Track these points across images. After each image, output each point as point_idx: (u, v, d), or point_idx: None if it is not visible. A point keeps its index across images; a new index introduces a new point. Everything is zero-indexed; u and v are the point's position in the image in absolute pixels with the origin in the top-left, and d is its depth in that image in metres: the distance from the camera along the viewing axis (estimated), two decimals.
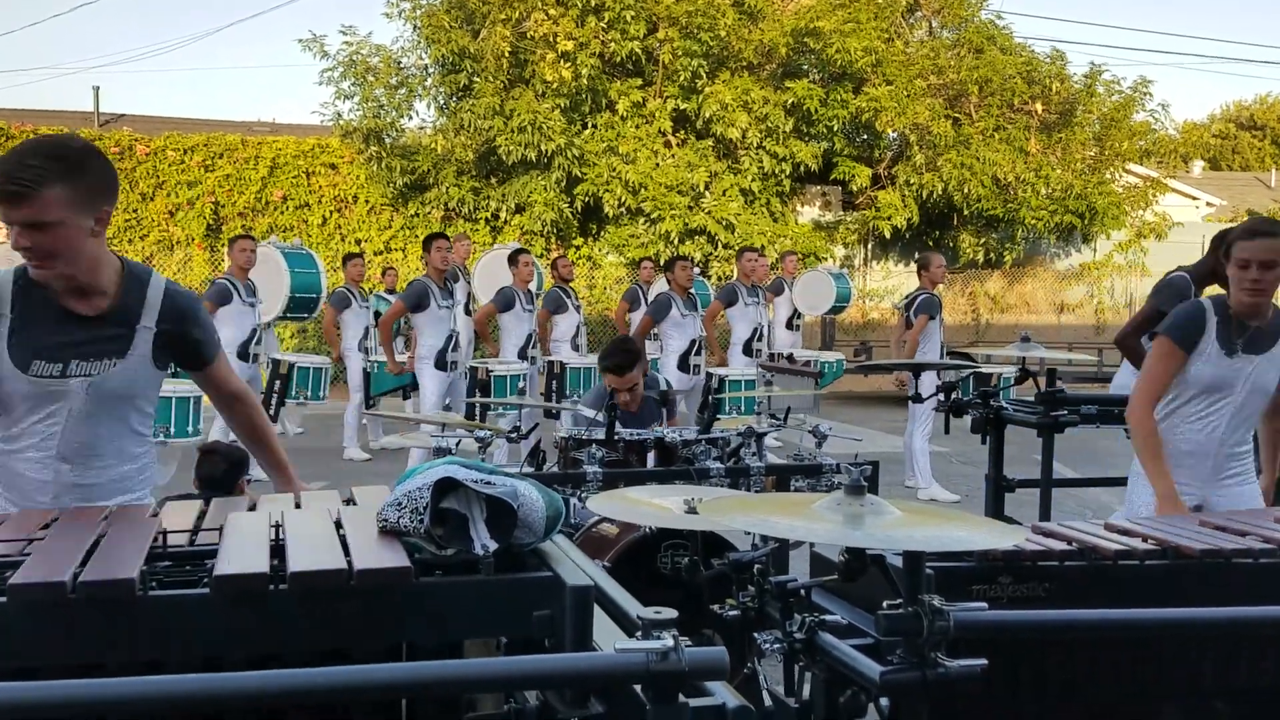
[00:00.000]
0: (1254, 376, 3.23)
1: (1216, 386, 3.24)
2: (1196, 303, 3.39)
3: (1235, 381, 3.23)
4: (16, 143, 12.50)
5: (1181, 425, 3.31)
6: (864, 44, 14.90)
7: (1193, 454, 3.28)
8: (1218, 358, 3.22)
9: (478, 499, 1.61)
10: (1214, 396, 3.25)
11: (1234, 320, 3.23)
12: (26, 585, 1.41)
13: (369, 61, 14.47)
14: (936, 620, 1.65)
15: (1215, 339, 3.23)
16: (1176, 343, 3.27)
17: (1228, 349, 3.22)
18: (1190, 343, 3.25)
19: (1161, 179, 18.15)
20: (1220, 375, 3.22)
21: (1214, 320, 3.24)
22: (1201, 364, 3.24)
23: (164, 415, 6.47)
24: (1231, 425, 3.27)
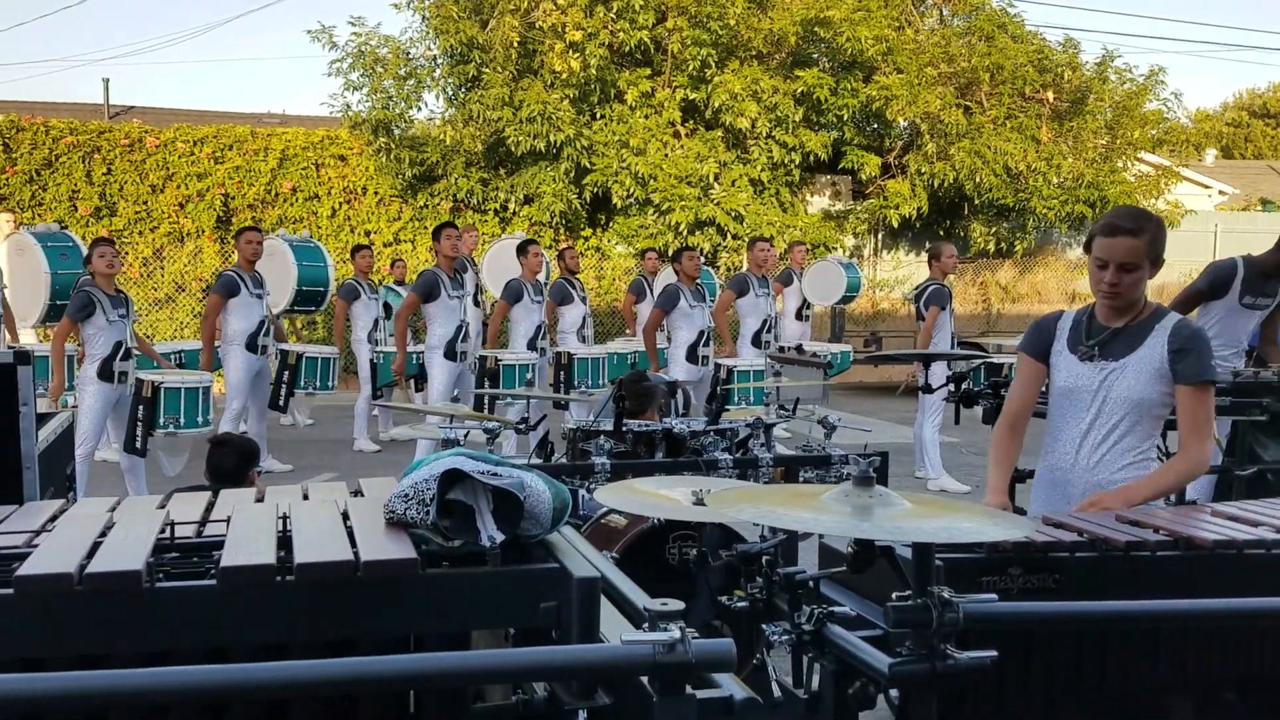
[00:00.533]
0: (1114, 382, 2.82)
1: (1067, 395, 2.90)
2: (1055, 313, 3.06)
3: (1089, 388, 2.86)
4: (28, 135, 12.52)
5: (1050, 442, 2.99)
6: (874, 32, 14.81)
7: (1055, 480, 2.95)
8: (1068, 361, 2.90)
9: (484, 490, 1.61)
10: (1068, 408, 2.91)
11: (1089, 322, 2.91)
12: (33, 577, 1.41)
13: (378, 52, 14.45)
14: (946, 612, 1.64)
15: (1067, 342, 2.92)
16: (1025, 351, 3.01)
17: (1080, 353, 2.88)
18: (1039, 350, 2.97)
19: (1174, 167, 18.03)
20: (1068, 382, 2.90)
21: (1069, 321, 2.96)
22: (1055, 370, 2.94)
23: (173, 406, 6.49)
24: (1091, 444, 2.86)
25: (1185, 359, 2.78)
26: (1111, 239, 2.77)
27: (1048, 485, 2.99)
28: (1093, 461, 2.87)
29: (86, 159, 14.34)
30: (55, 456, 3.66)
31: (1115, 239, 2.77)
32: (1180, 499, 4.70)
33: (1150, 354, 2.81)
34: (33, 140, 14.14)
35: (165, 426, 6.49)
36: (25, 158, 14.10)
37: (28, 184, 14.13)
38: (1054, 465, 2.96)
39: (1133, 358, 2.82)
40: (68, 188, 14.23)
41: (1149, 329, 2.84)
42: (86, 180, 14.31)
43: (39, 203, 13.96)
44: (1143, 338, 2.83)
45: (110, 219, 14.32)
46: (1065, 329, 2.95)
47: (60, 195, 14.10)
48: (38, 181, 14.19)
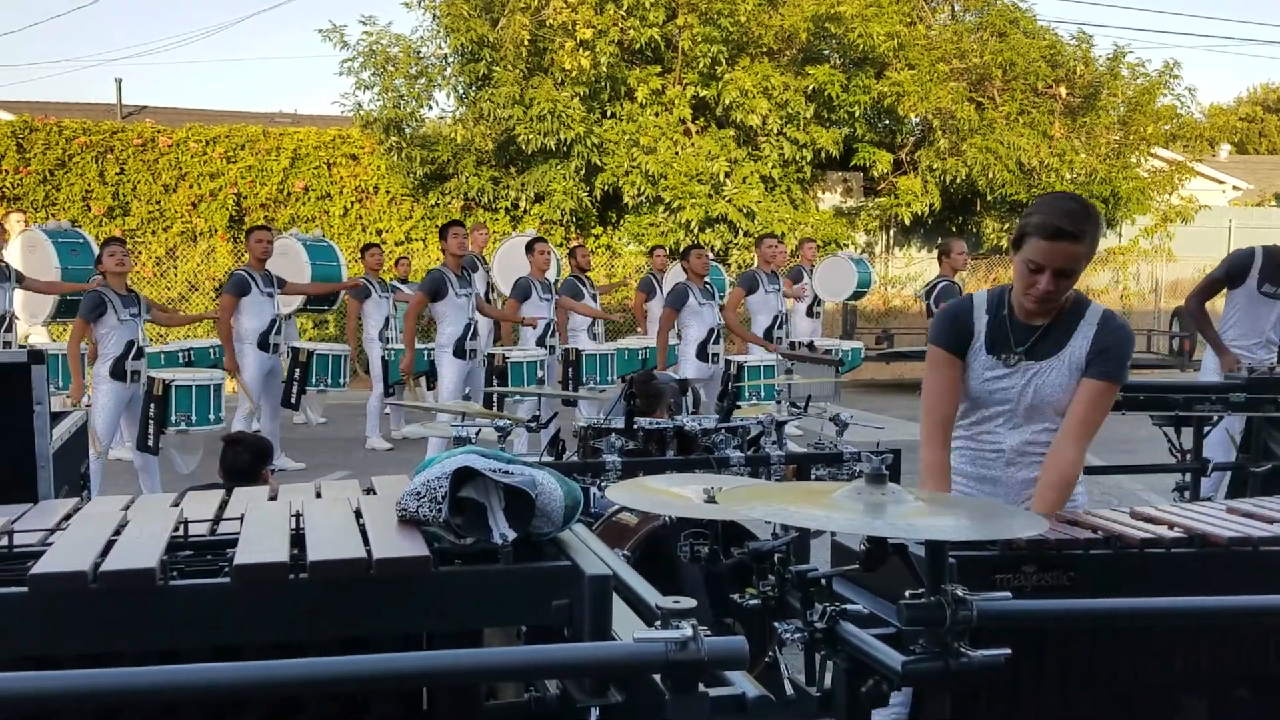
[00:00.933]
0: (1035, 385, 2.61)
1: (986, 399, 2.66)
2: (966, 298, 2.76)
3: (1011, 392, 2.63)
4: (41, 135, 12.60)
5: (969, 443, 2.75)
6: (886, 28, 14.77)
7: (984, 479, 2.74)
8: (988, 363, 2.64)
9: (496, 488, 1.61)
10: (990, 411, 2.68)
11: (1009, 319, 2.64)
12: (48, 575, 1.41)
13: (389, 51, 14.48)
14: (959, 610, 1.63)
15: (984, 343, 2.65)
16: (940, 347, 2.69)
17: (999, 354, 2.63)
18: (958, 345, 2.67)
19: (1187, 163, 17.93)
20: (988, 385, 2.65)
21: (984, 318, 2.66)
22: (971, 371, 2.66)
23: (184, 403, 6.52)
24: (1016, 449, 2.67)
25: (1103, 357, 2.58)
26: (1051, 243, 2.47)
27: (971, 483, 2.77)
28: (1019, 467, 2.69)
29: (100, 159, 14.41)
30: (69, 455, 3.68)
31: (1055, 244, 2.47)
32: (1195, 496, 4.68)
33: (1074, 353, 2.61)
34: (46, 140, 14.21)
35: (177, 424, 6.52)
36: (39, 158, 14.18)
37: (41, 184, 14.21)
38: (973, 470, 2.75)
39: (1056, 359, 2.61)
40: (81, 188, 14.31)
41: (1074, 324, 2.62)
42: (100, 180, 14.38)
43: (52, 202, 14.04)
44: (1067, 334, 2.61)
45: (124, 219, 14.39)
46: (982, 328, 2.66)
47: (74, 195, 14.17)
48: (51, 181, 14.27)
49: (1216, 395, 4.60)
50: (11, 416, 2.89)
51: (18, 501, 1.95)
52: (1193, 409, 4.58)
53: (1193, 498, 4.70)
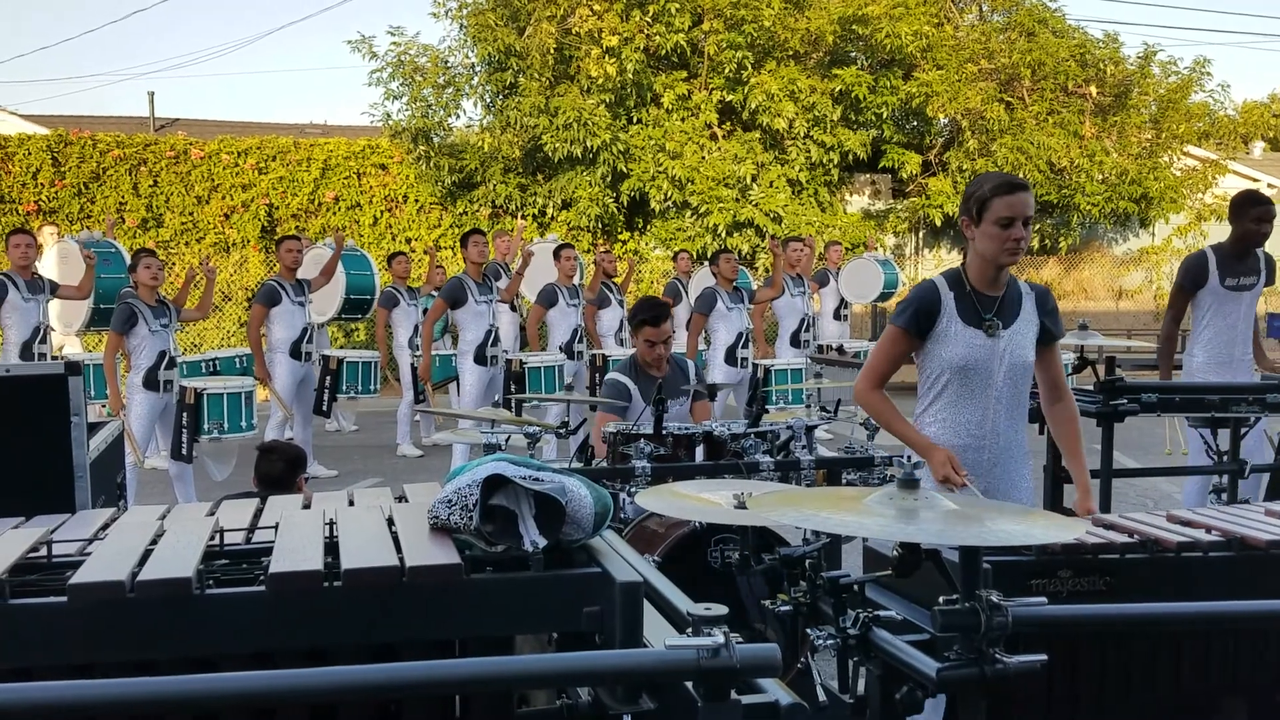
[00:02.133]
0: (1010, 350, 2.97)
1: (971, 367, 2.98)
2: (927, 282, 3.09)
3: (991, 358, 2.97)
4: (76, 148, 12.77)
5: (948, 413, 3.05)
6: (913, 29, 14.70)
7: (965, 446, 3.02)
8: (967, 336, 2.97)
9: (526, 495, 1.61)
10: (971, 378, 2.99)
11: (974, 293, 2.99)
12: (86, 585, 1.43)
13: (417, 61, 14.58)
14: (994, 616, 1.62)
15: (958, 318, 2.97)
16: (905, 330, 3.04)
17: (979, 324, 2.97)
18: (921, 327, 3.01)
19: (1221, 161, 17.70)
20: (971, 354, 2.97)
21: (949, 296, 2.99)
22: (947, 347, 2.99)
23: (216, 412, 6.59)
24: (1000, 408, 3.01)
25: (1054, 319, 3.06)
26: (1014, 195, 2.87)
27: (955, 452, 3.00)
28: (1005, 424, 3.03)
29: (133, 171, 14.61)
30: (106, 465, 3.73)
31: (1017, 195, 2.88)
32: (1233, 498, 4.61)
33: (1029, 317, 3.02)
34: (80, 154, 14.43)
35: (209, 432, 6.59)
36: (74, 171, 14.39)
37: (76, 196, 14.42)
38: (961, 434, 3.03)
39: (1019, 323, 3.00)
40: (115, 200, 14.50)
41: (1019, 293, 3.04)
42: (133, 192, 14.58)
43: (87, 215, 14.24)
44: (1019, 302, 3.02)
45: (157, 230, 14.57)
46: (948, 305, 2.99)
47: (108, 207, 14.37)
48: (86, 194, 14.48)
49: (1254, 396, 4.53)
50: (49, 427, 2.93)
51: (56, 512, 1.98)
52: (1229, 410, 4.51)
53: (1230, 500, 4.63)
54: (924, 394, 3.13)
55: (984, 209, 2.91)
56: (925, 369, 3.09)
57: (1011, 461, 3.08)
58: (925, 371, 3.10)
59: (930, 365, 3.06)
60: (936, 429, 3.08)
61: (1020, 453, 3.12)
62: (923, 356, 3.08)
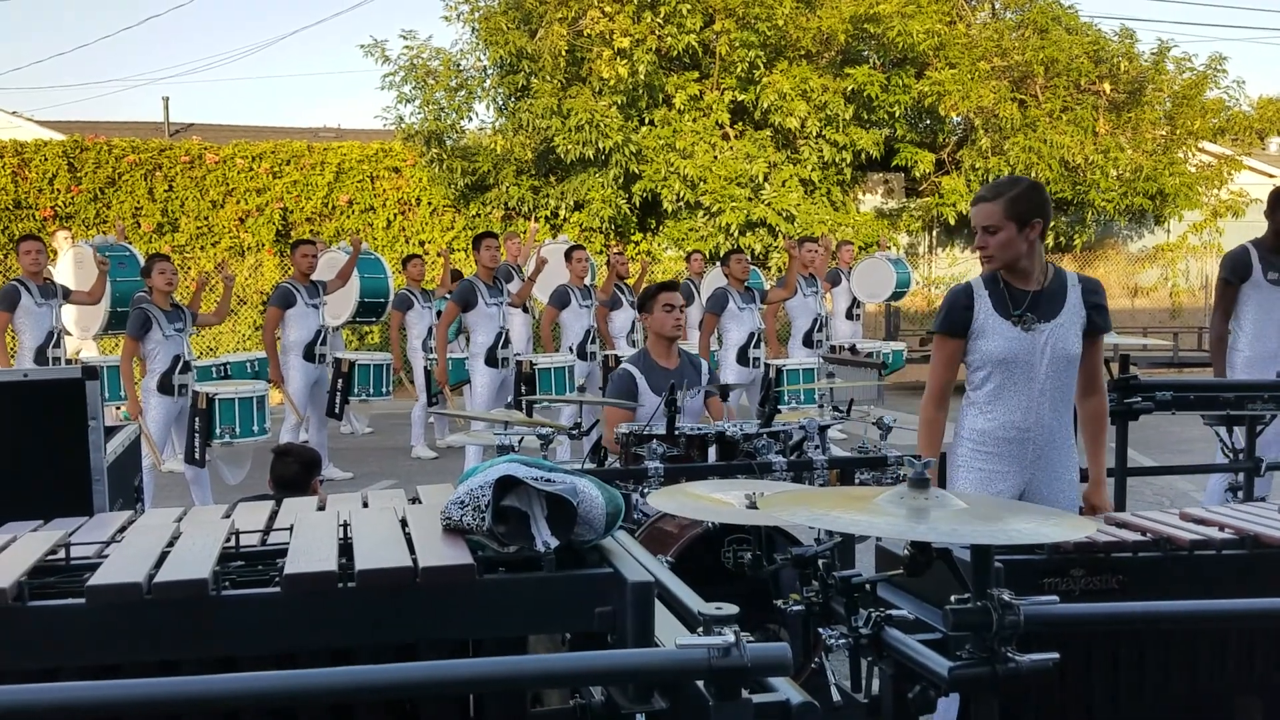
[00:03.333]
0: (1051, 344, 3.04)
1: (1012, 359, 3.05)
2: (963, 283, 3.21)
3: (1032, 352, 3.04)
4: (91, 154, 12.78)
5: (991, 406, 3.11)
6: (925, 27, 14.66)
7: (1009, 439, 3.09)
8: (1004, 329, 3.05)
9: (538, 496, 1.63)
10: (1014, 371, 3.06)
11: (1008, 289, 3.08)
12: (104, 587, 1.45)
13: (429, 65, 14.62)
14: (1006, 615, 1.62)
15: (993, 312, 3.07)
16: (944, 333, 3.15)
17: (1015, 319, 3.05)
18: (958, 327, 3.11)
19: (1236, 156, 17.58)
20: (1010, 347, 3.04)
21: (984, 294, 3.09)
22: (986, 340, 3.07)
23: (228, 416, 6.62)
24: (1044, 401, 3.06)
25: (1100, 313, 3.13)
26: (975, 207, 3.09)
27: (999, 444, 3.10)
28: (1049, 416, 3.08)
29: (148, 176, 14.70)
30: (123, 469, 3.76)
31: (976, 207, 3.09)
32: (1249, 496, 4.59)
33: (1074, 310, 3.08)
34: (96, 159, 14.53)
35: (221, 436, 6.62)
36: (89, 176, 14.49)
37: (92, 202, 14.52)
38: (1005, 425, 3.09)
39: (1063, 315, 3.07)
40: (131, 205, 14.60)
41: (1064, 287, 3.11)
42: (149, 197, 14.67)
43: (103, 220, 14.33)
44: (1062, 296, 3.09)
45: (173, 235, 14.66)
46: (983, 301, 3.09)
47: (124, 212, 14.46)
48: (102, 200, 14.58)
49: (1269, 393, 4.50)
50: (67, 432, 2.96)
51: (74, 515, 2.00)
52: (1245, 408, 4.49)
53: (1246, 498, 4.60)
54: (971, 388, 3.19)
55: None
56: (970, 364, 3.17)
57: (1056, 453, 3.12)
58: (970, 366, 3.17)
59: (973, 359, 3.14)
60: (981, 421, 3.13)
61: (1066, 445, 3.15)
62: (966, 353, 3.16)
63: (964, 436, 3.19)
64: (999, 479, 3.10)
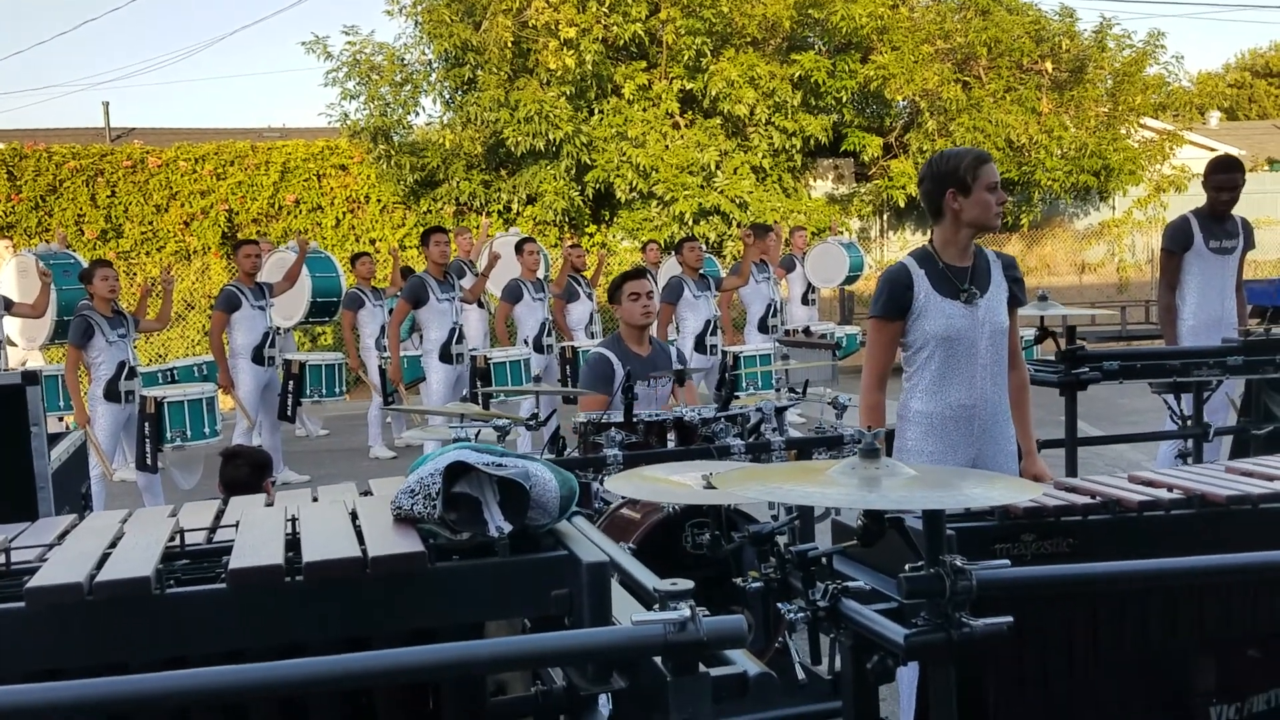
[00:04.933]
0: (989, 318, 3.08)
1: (955, 336, 3.06)
2: (897, 264, 3.19)
3: (973, 327, 3.06)
4: (30, 162, 12.48)
5: (936, 385, 3.11)
6: (868, 10, 14.75)
7: (957, 417, 3.10)
8: (945, 307, 3.05)
9: (490, 482, 1.61)
10: (956, 348, 3.07)
11: (946, 267, 3.09)
12: (44, 589, 1.41)
13: (373, 60, 14.46)
14: (959, 580, 1.63)
15: (933, 290, 3.06)
16: (884, 317, 3.13)
17: (956, 294, 3.06)
18: (899, 309, 3.10)
19: (1178, 132, 17.90)
20: (953, 324, 3.05)
21: (921, 274, 3.09)
22: (928, 320, 3.07)
23: (178, 419, 6.52)
24: (986, 375, 3.10)
25: (1019, 286, 3.20)
26: (992, 164, 3.08)
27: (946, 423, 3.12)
28: (991, 389, 3.11)
29: (90, 182, 14.42)
30: (69, 476, 3.68)
31: (993, 164, 3.08)
32: (1199, 461, 4.68)
33: (999, 283, 3.15)
34: (36, 167, 14.22)
35: (172, 440, 6.52)
36: (30, 184, 14.18)
37: (33, 210, 14.22)
38: (951, 404, 3.10)
39: (992, 289, 3.12)
40: (73, 212, 14.31)
41: (987, 261, 3.17)
42: (91, 204, 14.39)
43: (45, 228, 14.04)
44: (988, 270, 3.15)
45: (117, 240, 14.40)
46: (921, 280, 3.09)
47: (66, 220, 14.17)
48: (43, 207, 14.28)
49: (1214, 359, 4.59)
50: (8, 438, 2.89)
51: (18, 521, 1.95)
52: (1190, 374, 4.57)
53: (1196, 463, 4.69)
54: (910, 370, 3.18)
55: (975, 178, 3.04)
56: (909, 345, 3.15)
57: (998, 426, 3.16)
58: (909, 348, 3.16)
59: (913, 341, 3.12)
60: (926, 402, 3.13)
61: (1005, 418, 3.19)
62: (905, 335, 3.14)
63: (910, 420, 3.19)
64: (948, 456, 3.12)
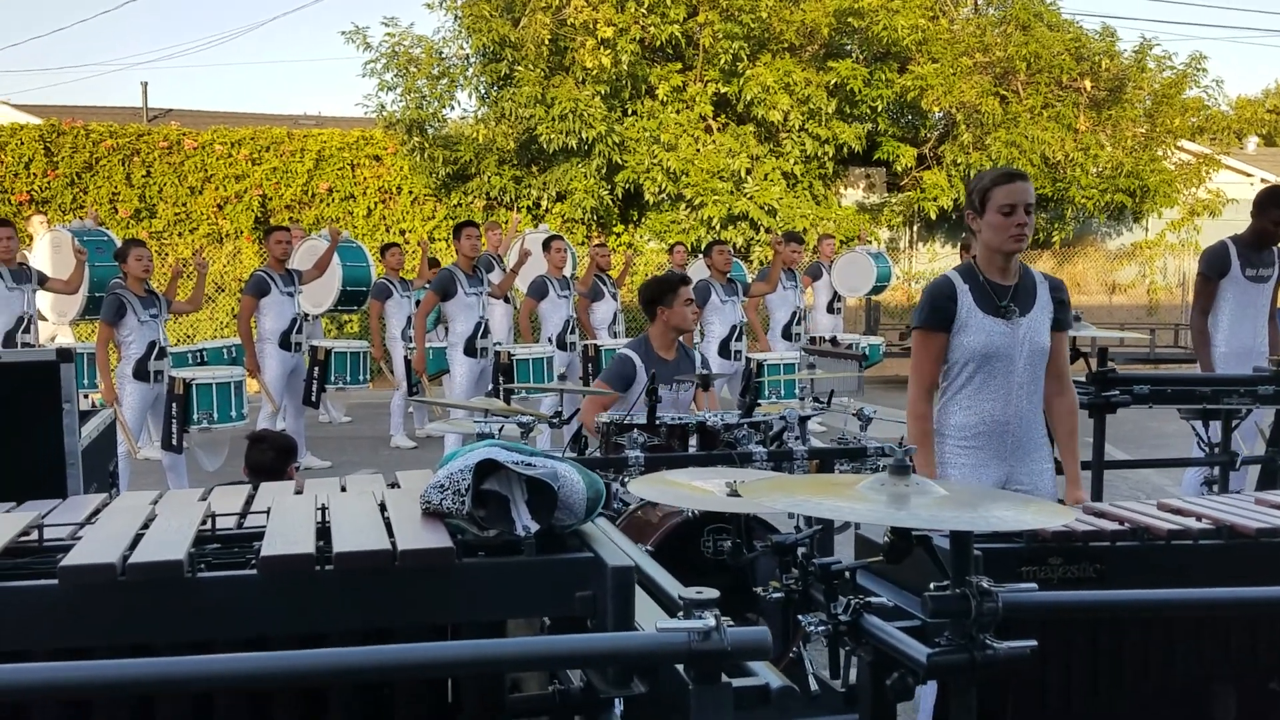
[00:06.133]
0: (1029, 336, 3.07)
1: (994, 353, 3.06)
2: (941, 278, 3.18)
3: (1012, 344, 3.06)
4: (69, 138, 12.62)
5: (971, 400, 3.12)
6: (909, 22, 14.69)
7: (990, 432, 3.11)
8: (986, 324, 3.05)
9: (518, 480, 1.62)
10: (994, 364, 3.07)
11: (988, 283, 3.08)
12: (77, 568, 1.43)
13: (411, 52, 14.53)
14: (985, 601, 1.62)
15: (975, 306, 3.07)
16: (928, 328, 3.13)
17: (997, 312, 3.06)
18: (943, 321, 3.10)
19: (1215, 155, 17.72)
20: (992, 340, 3.05)
21: (964, 288, 3.09)
22: (968, 335, 3.07)
23: (206, 402, 6.57)
24: (1022, 393, 3.10)
25: (1064, 309, 3.18)
26: (1014, 184, 3.00)
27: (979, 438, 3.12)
28: (1026, 407, 3.11)
29: (126, 161, 14.55)
30: (98, 453, 3.72)
31: (1017, 183, 3.01)
32: (1224, 490, 4.63)
33: (1044, 304, 3.13)
34: (73, 144, 14.36)
35: (199, 422, 6.57)
36: (66, 161, 14.33)
37: (69, 187, 14.37)
38: (986, 420, 3.11)
39: (1035, 310, 3.10)
40: (108, 190, 14.45)
41: (1033, 281, 3.15)
42: (126, 183, 14.52)
43: (80, 205, 14.18)
44: (1033, 290, 3.13)
45: (150, 220, 14.52)
46: (965, 295, 3.09)
47: (101, 198, 14.31)
48: (79, 184, 14.42)
49: (1245, 388, 4.54)
50: (41, 414, 2.93)
51: (48, 498, 1.97)
52: (1221, 402, 4.53)
53: (1222, 492, 4.64)
54: (947, 383, 3.18)
55: (986, 199, 3.03)
56: (947, 359, 3.15)
57: (1032, 443, 3.15)
58: (947, 361, 3.15)
59: (954, 355, 3.12)
60: (961, 416, 3.14)
61: (1041, 437, 3.19)
62: (946, 349, 3.14)
63: (945, 433, 3.19)
64: (982, 472, 3.12)
